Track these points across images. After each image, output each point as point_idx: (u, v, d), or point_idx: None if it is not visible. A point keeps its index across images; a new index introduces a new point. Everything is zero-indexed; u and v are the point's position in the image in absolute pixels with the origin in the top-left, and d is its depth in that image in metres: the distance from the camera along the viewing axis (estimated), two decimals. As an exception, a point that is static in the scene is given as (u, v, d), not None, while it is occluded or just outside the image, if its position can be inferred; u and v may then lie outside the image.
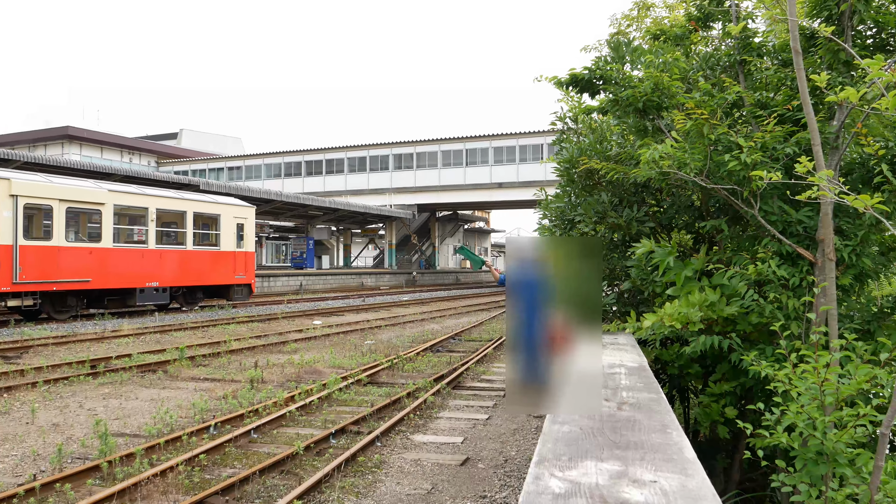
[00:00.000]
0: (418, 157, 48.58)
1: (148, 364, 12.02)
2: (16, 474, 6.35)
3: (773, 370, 3.99)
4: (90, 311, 20.33)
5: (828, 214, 4.63)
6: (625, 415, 3.01)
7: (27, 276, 17.25)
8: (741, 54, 5.92)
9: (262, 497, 5.80)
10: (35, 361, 12.18)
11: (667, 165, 5.07)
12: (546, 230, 7.39)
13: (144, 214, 20.84)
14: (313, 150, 52.59)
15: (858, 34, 5.43)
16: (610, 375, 3.98)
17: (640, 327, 5.18)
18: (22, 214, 17.24)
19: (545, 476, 2.17)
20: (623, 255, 6.63)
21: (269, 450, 7.16)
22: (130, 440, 7.47)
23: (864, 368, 3.58)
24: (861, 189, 5.42)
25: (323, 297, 32.50)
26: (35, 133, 54.76)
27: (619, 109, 6.04)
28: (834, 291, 4.61)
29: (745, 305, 5.04)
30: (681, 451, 2.45)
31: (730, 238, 6.04)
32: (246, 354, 13.79)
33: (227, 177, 55.40)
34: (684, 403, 7.15)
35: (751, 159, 4.72)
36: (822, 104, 5.32)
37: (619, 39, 6.57)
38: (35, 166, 24.85)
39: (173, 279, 21.58)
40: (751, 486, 6.17)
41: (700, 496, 2.00)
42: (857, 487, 3.41)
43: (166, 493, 5.80)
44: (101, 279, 19.26)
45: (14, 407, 8.93)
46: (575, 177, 6.93)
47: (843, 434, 3.48)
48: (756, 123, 5.57)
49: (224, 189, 30.30)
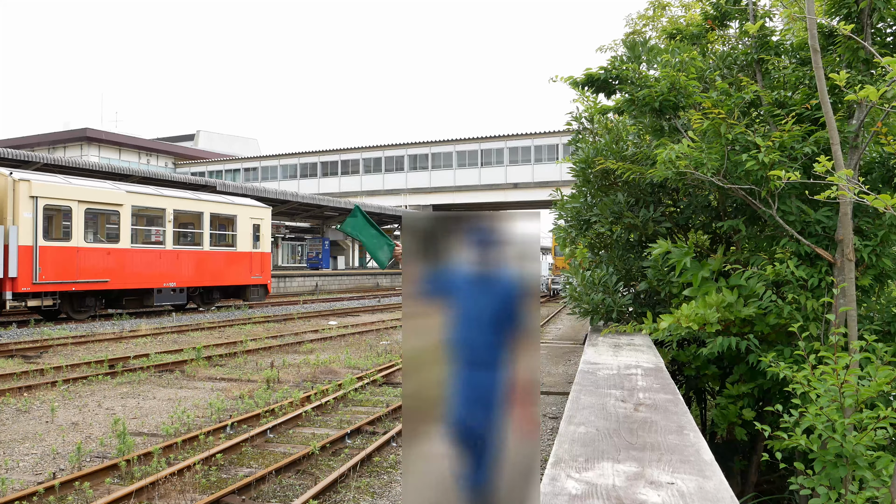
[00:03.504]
0: (433, 158, 48.61)
1: (165, 364, 12.11)
2: (36, 472, 6.42)
3: (791, 372, 3.95)
4: (108, 312, 20.52)
5: (847, 214, 4.57)
6: (641, 416, 3.00)
7: (47, 276, 17.44)
8: (759, 53, 5.87)
9: (278, 496, 5.83)
10: (54, 361, 12.31)
11: (683, 165, 5.04)
12: (562, 230, 7.36)
13: (162, 215, 21.01)
14: (329, 150, 52.78)
15: (878, 32, 5.37)
16: (626, 376, 3.96)
17: (657, 328, 5.15)
18: (42, 215, 17.44)
19: (561, 477, 2.17)
20: (639, 256, 6.59)
21: (285, 449, 7.20)
22: (148, 439, 7.53)
23: (885, 370, 3.54)
24: (881, 188, 5.36)
25: (339, 297, 32.61)
26: (54, 135, 55.36)
27: (636, 109, 6.01)
28: (853, 292, 4.55)
29: (763, 306, 5.00)
30: (698, 453, 2.44)
31: (747, 238, 5.98)
32: (262, 354, 13.86)
33: (243, 178, 55.73)
34: (701, 405, 7.10)
35: (769, 159, 4.68)
36: (841, 103, 5.26)
37: (635, 39, 6.54)
38: (54, 168, 25.11)
39: (190, 279, 21.73)
40: (768, 489, 6.11)
41: (718, 498, 1.99)
42: (878, 490, 3.36)
43: (183, 492, 5.84)
44: (119, 279, 19.44)
45: (34, 406, 9.03)
46: (591, 177, 6.89)
47: (862, 436, 3.44)
48: (774, 123, 5.52)
49: (240, 190, 30.47)
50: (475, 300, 1.54)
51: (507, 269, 1.53)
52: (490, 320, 1.54)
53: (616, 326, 5.95)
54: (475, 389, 1.54)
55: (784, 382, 4.41)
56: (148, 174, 28.73)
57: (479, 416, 1.54)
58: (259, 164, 56.15)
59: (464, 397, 1.54)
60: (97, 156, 53.43)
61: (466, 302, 1.55)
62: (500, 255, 1.52)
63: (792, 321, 4.65)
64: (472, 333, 1.54)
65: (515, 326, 1.53)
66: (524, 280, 1.52)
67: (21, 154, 24.83)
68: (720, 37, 7.39)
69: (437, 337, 1.56)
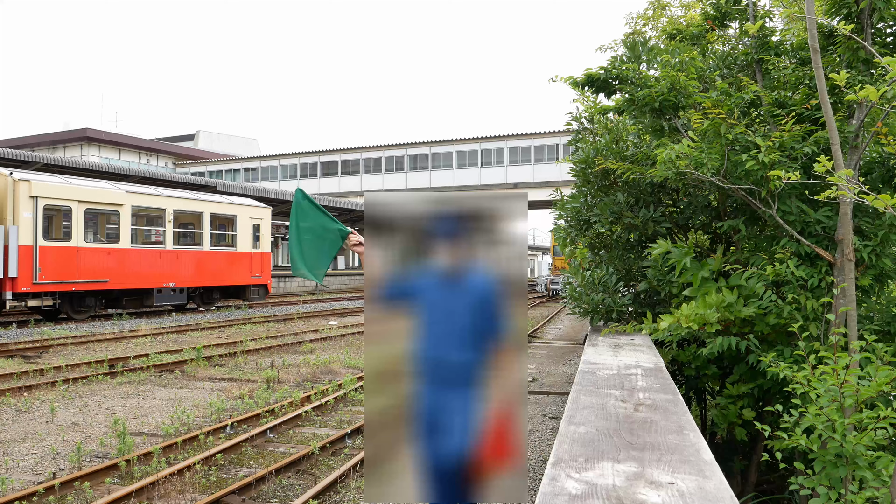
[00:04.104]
0: (433, 158, 48.62)
1: (165, 364, 12.11)
2: (36, 472, 6.42)
3: (791, 372, 3.95)
4: (108, 312, 20.52)
5: (847, 214, 4.57)
6: (641, 416, 2.99)
7: (47, 276, 17.44)
8: (759, 53, 5.87)
9: (278, 496, 5.83)
10: (54, 361, 12.31)
11: (683, 165, 5.03)
12: (562, 230, 7.36)
13: (162, 215, 21.01)
14: (329, 150, 52.78)
15: (878, 32, 5.36)
16: (626, 376, 3.96)
17: (657, 328, 5.15)
18: (42, 215, 17.44)
19: (561, 477, 2.17)
20: (639, 256, 6.59)
21: (285, 449, 7.19)
22: (148, 439, 7.53)
23: (885, 370, 3.53)
24: (881, 188, 5.36)
25: (339, 297, 32.60)
26: (54, 135, 55.34)
27: (636, 109, 6.01)
28: (853, 292, 4.55)
29: (763, 306, 4.99)
30: (698, 453, 2.44)
31: (747, 238, 5.98)
32: (262, 354, 13.86)
33: (243, 178, 55.72)
34: (701, 405, 7.09)
35: (769, 159, 4.67)
36: (841, 103, 5.26)
37: (635, 39, 6.53)
38: (54, 168, 25.12)
39: (190, 280, 21.74)
40: (768, 489, 6.11)
41: (718, 498, 1.99)
42: (878, 490, 3.36)
43: (183, 492, 5.84)
44: (119, 279, 19.44)
45: (34, 406, 9.03)
46: (591, 177, 6.89)
47: (862, 436, 3.43)
48: (774, 123, 5.51)
49: (240, 190, 30.48)
50: (447, 302, 1.31)
51: (488, 265, 1.28)
52: (465, 327, 1.31)
53: (616, 326, 5.95)
54: (444, 414, 1.30)
55: (784, 382, 4.41)
56: (148, 174, 28.74)
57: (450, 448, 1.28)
58: (259, 164, 56.14)
59: (431, 424, 1.29)
60: (97, 156, 53.41)
61: (437, 304, 1.30)
62: (477, 246, 1.27)
63: (792, 321, 4.64)
64: (442, 344, 1.30)
65: (496, 334, 1.31)
66: (509, 277, 1.28)
67: (21, 154, 24.84)
68: (720, 37, 7.39)
69: (402, 348, 1.31)
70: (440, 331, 1.30)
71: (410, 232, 1.27)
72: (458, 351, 1.30)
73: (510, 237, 1.26)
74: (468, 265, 1.28)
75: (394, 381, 1.29)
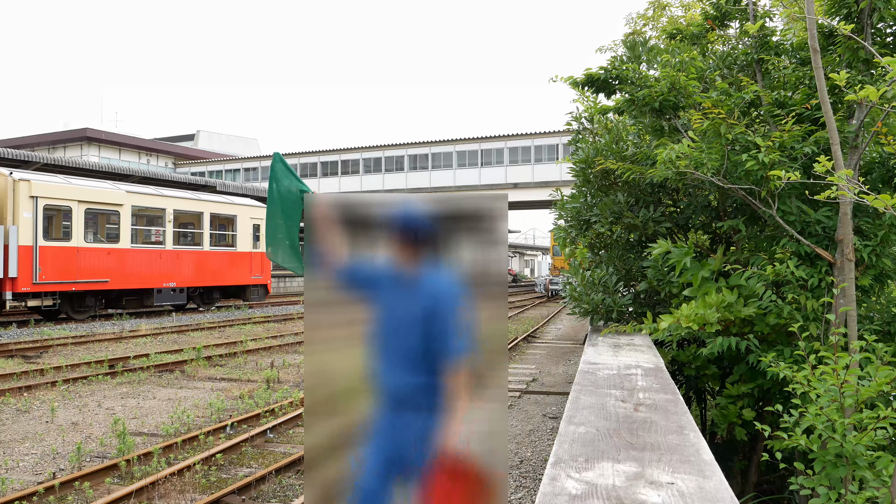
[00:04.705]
0: (433, 158, 48.61)
1: (165, 364, 12.11)
2: (36, 472, 6.42)
3: (791, 372, 3.95)
4: (108, 312, 20.52)
5: (847, 214, 4.57)
6: (641, 416, 2.99)
7: (47, 276, 17.44)
8: (759, 53, 5.87)
9: (277, 496, 5.83)
10: (54, 361, 12.31)
11: (683, 165, 5.03)
12: (562, 230, 7.36)
13: (162, 215, 21.01)
14: (329, 150, 52.78)
15: (878, 32, 5.36)
16: (626, 377, 3.96)
17: (657, 328, 5.15)
18: (42, 215, 17.44)
19: (561, 477, 2.17)
20: (639, 256, 6.59)
21: (284, 449, 7.19)
22: (148, 439, 7.53)
23: (885, 370, 3.53)
24: (881, 188, 5.36)
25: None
26: (54, 135, 55.32)
27: (636, 109, 6.01)
28: (853, 292, 4.55)
29: (763, 306, 4.99)
30: (698, 453, 2.44)
31: (747, 238, 5.98)
32: (262, 354, 13.86)
33: (243, 178, 55.70)
34: (701, 405, 7.09)
35: (769, 159, 4.67)
36: (841, 103, 5.26)
37: (635, 39, 6.53)
38: (54, 168, 25.10)
39: (190, 279, 21.74)
40: (768, 489, 6.11)
41: (718, 498, 1.99)
42: (878, 490, 3.36)
43: (183, 492, 5.84)
44: (119, 279, 19.44)
45: (34, 406, 9.03)
46: (591, 177, 6.89)
47: (862, 436, 3.43)
48: (774, 123, 5.51)
49: (240, 190, 30.47)
50: (400, 305, 1.09)
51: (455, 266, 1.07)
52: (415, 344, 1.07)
53: (616, 326, 5.95)
54: (398, 448, 1.05)
55: (784, 382, 4.40)
56: (148, 174, 28.72)
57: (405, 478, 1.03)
58: (259, 164, 56.12)
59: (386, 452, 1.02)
60: (97, 156, 53.39)
61: (390, 309, 1.07)
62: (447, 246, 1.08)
63: (792, 321, 4.64)
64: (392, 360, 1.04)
65: (451, 352, 1.08)
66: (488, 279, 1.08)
67: (21, 154, 24.82)
68: (720, 37, 7.39)
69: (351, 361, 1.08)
70: (391, 344, 1.12)
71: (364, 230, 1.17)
72: (406, 372, 1.11)
73: (491, 237, 1.15)
74: (429, 265, 1.13)
75: (342, 401, 1.08)
